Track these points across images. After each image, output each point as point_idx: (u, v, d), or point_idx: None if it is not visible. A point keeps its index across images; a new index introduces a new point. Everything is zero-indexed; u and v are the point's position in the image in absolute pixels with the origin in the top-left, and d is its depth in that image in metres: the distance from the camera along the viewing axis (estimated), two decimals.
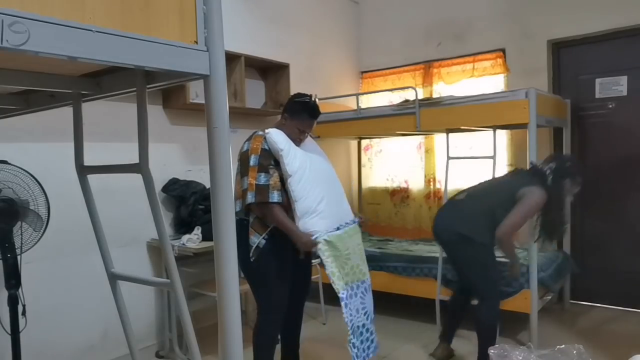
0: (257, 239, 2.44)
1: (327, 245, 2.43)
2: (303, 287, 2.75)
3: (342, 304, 2.43)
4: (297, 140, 2.56)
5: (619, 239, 3.96)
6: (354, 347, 2.48)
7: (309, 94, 2.60)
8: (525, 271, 3.26)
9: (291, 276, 2.58)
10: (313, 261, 3.85)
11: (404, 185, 4.99)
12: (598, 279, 4.06)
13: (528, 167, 3.03)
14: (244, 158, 2.44)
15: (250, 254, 2.43)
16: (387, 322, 3.88)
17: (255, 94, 4.14)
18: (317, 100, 2.59)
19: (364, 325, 2.55)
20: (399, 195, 5.01)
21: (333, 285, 2.44)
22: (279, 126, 2.58)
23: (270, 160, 2.41)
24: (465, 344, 3.41)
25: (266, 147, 2.42)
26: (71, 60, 0.93)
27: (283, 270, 2.52)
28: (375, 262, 3.90)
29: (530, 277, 3.19)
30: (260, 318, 2.55)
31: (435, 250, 3.84)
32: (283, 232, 2.43)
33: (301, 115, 2.53)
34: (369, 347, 2.60)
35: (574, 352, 1.85)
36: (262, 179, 2.36)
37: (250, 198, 2.36)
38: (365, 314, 2.57)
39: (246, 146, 2.47)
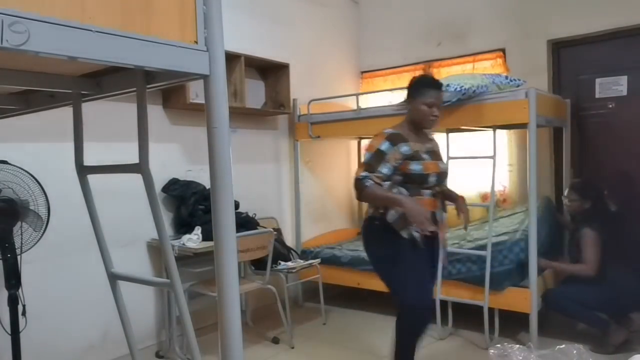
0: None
1: None
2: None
3: None
4: (429, 120, 2.50)
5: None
6: None
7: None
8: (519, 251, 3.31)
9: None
10: (312, 262, 3.87)
11: None
12: None
13: None
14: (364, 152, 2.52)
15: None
16: (388, 321, 3.87)
17: (255, 94, 4.14)
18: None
19: None
20: None
21: None
22: (402, 122, 2.58)
23: (379, 163, 2.38)
24: (464, 344, 3.42)
25: (383, 147, 2.40)
26: (71, 60, 0.94)
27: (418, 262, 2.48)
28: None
29: (530, 276, 3.20)
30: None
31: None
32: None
33: (421, 90, 2.49)
34: None
35: (574, 352, 1.85)
36: (363, 174, 2.37)
37: (355, 193, 2.41)
38: None
39: (369, 142, 2.51)
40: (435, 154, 2.57)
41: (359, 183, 2.35)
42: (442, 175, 2.53)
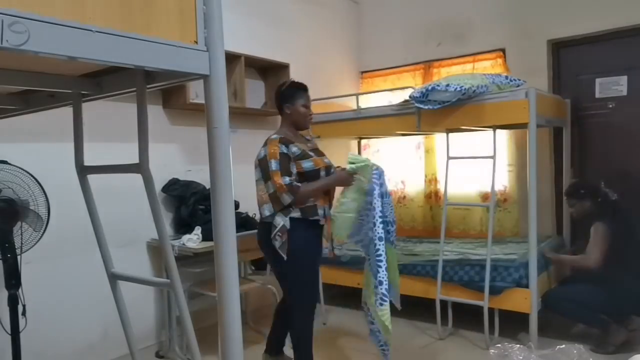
0: (281, 220, 2.49)
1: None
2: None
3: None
4: (308, 119, 2.72)
5: None
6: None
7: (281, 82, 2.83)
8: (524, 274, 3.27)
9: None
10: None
11: (401, 185, 4.99)
12: None
13: None
14: (263, 164, 2.52)
15: (278, 242, 2.49)
16: None
17: (255, 94, 4.14)
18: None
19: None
20: (396, 195, 5.01)
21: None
22: (282, 127, 2.71)
23: (288, 165, 2.52)
24: (464, 344, 3.41)
25: (284, 150, 2.52)
26: (71, 60, 0.94)
27: (314, 259, 2.65)
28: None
29: (529, 276, 3.20)
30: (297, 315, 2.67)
31: (436, 250, 3.83)
32: (305, 223, 2.53)
33: (298, 94, 2.71)
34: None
35: (574, 352, 1.85)
36: (287, 179, 2.47)
37: (287, 198, 2.44)
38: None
39: (263, 152, 2.56)
40: (318, 151, 2.73)
41: (291, 188, 2.45)
42: (329, 169, 2.68)
